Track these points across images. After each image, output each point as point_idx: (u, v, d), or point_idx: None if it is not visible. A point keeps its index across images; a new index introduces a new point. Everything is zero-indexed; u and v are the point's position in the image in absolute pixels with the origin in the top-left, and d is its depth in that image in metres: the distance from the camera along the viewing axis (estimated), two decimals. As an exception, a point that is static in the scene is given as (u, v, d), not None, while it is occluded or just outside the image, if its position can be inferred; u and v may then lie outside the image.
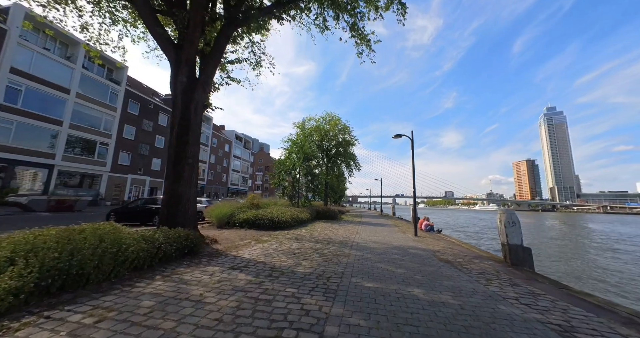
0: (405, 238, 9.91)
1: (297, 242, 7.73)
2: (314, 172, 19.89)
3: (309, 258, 5.62)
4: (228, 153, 49.79)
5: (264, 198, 16.52)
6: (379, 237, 9.71)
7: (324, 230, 11.10)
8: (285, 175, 18.92)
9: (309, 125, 28.54)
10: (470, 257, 6.61)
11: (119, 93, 25.35)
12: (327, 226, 13.17)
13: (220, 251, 5.93)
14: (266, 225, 10.50)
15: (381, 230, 12.64)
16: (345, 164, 30.06)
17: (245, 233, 9.17)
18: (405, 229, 13.64)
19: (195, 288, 3.48)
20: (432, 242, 9.22)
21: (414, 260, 5.95)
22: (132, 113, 27.10)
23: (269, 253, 5.95)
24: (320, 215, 18.23)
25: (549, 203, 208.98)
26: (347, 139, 28.82)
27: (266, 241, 7.61)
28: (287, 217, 11.52)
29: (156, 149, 30.73)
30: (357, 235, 9.94)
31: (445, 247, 8.11)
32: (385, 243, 8.38)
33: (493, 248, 15.13)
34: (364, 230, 11.90)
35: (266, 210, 11.66)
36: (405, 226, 15.96)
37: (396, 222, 19.14)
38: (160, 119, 31.43)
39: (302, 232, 10.23)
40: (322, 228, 12.10)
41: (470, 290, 3.91)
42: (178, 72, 6.75)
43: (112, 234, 4.07)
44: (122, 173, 26.07)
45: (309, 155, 19.58)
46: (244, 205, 12.54)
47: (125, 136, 26.46)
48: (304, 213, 14.89)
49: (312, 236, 9.13)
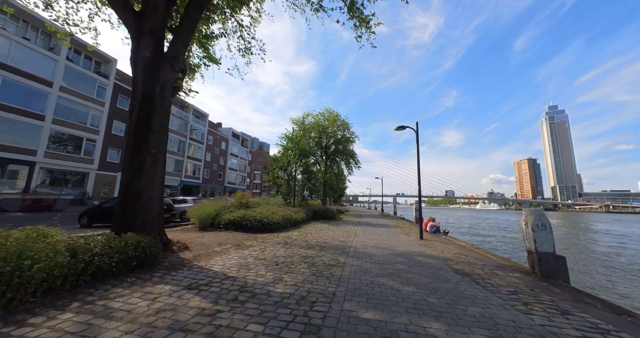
0: (410, 241, 8.83)
1: (285, 247, 6.65)
2: (311, 169, 18.81)
3: (294, 270, 4.54)
4: (225, 151, 48.70)
5: (256, 197, 15.46)
6: (380, 241, 8.63)
7: (319, 233, 10.03)
8: (280, 173, 17.86)
9: (307, 122, 27.47)
10: (490, 267, 5.52)
11: (107, 87, 24.23)
12: (324, 227, 12.10)
13: (186, 261, 4.85)
14: (254, 227, 9.42)
15: (382, 232, 11.57)
16: (344, 162, 28.98)
17: (227, 236, 8.09)
18: (408, 231, 12.57)
19: (116, 324, 2.40)
20: (441, 246, 8.14)
21: (423, 271, 4.87)
22: (122, 108, 25.99)
23: (247, 263, 4.86)
24: (317, 215, 17.16)
25: (551, 202, 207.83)
26: (346, 135, 27.73)
27: (249, 246, 6.53)
28: (278, 218, 10.44)
29: (148, 146, 29.62)
30: (355, 239, 8.86)
31: (457, 253, 7.03)
32: (387, 248, 7.30)
33: (511, 253, 14.12)
34: (363, 232, 10.83)
35: (255, 211, 10.58)
36: (408, 227, 14.89)
37: (398, 223, 18.08)
38: (153, 115, 30.31)
39: (294, 234, 9.16)
40: (318, 230, 11.03)
41: (509, 323, 2.82)
42: (140, 45, 5.65)
43: (22, 244, 3.00)
44: (112, 172, 25.01)
45: (305, 152, 18.50)
46: (231, 204, 11.46)
47: (115, 132, 25.36)
48: (298, 213, 13.82)
49: (304, 239, 8.05)
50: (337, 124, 27.19)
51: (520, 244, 16.52)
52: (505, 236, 22.56)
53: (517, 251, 14.88)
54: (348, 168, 28.85)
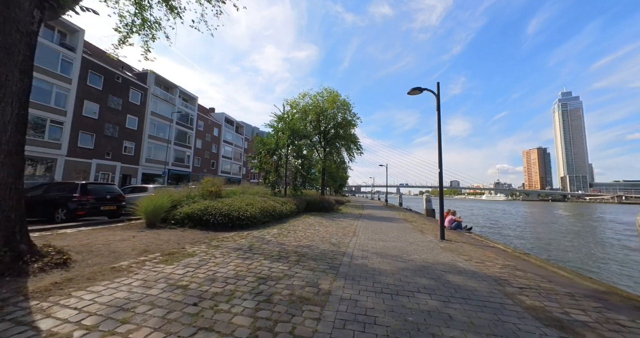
0: (428, 243, 6.56)
1: (242, 257, 4.41)
2: (304, 153, 16.39)
3: (219, 324, 2.27)
4: (217, 138, 46.24)
5: (235, 186, 13.15)
6: (387, 243, 6.37)
7: (306, 230, 7.79)
8: (268, 157, 15.52)
9: (304, 103, 24.87)
10: (586, 300, 3.23)
11: (73, 61, 21.60)
12: (315, 222, 9.87)
13: (22, 296, 2.60)
14: (218, 222, 7.20)
15: (389, 227, 9.32)
16: (345, 147, 26.54)
17: (172, 237, 5.86)
18: (420, 226, 10.31)
19: None
20: (474, 251, 5.87)
21: (472, 312, 2.60)
22: (93, 87, 23.47)
23: (138, 301, 2.60)
24: (311, 207, 14.98)
25: (560, 193, 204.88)
26: (347, 118, 25.12)
27: (185, 257, 4.29)
28: (254, 211, 8.21)
29: (127, 131, 27.29)
30: (353, 239, 6.62)
31: (506, 265, 4.75)
32: (398, 256, 5.04)
33: (576, 261, 10.12)
34: (364, 229, 8.59)
35: (225, 201, 8.33)
36: (419, 220, 12.62)
37: (406, 215, 15.86)
38: (132, 96, 27.76)
39: (272, 233, 6.93)
40: (307, 225, 8.80)
41: None
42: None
43: None
44: (84, 158, 22.83)
45: (298, 133, 16.07)
46: (197, 193, 9.21)
47: (87, 114, 22.98)
48: (287, 204, 11.62)
49: (280, 242, 5.81)
50: (337, 105, 24.54)
51: (574, 246, 14.19)
52: (538, 232, 20.04)
53: (581, 258, 10.90)
54: (349, 154, 26.46)
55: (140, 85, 28.75)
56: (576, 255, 11.56)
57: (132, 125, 27.87)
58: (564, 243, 14.71)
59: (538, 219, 31.72)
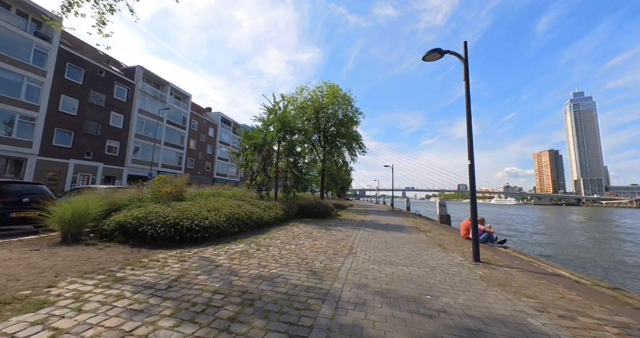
0: (458, 268, 4.50)
1: (136, 307, 2.43)
2: (297, 150, 14.36)
3: None
4: (213, 138, 44.66)
5: (208, 187, 11.19)
6: (397, 268, 4.33)
7: (285, 245, 5.79)
8: (255, 155, 13.63)
9: (302, 99, 23.08)
10: None
11: (48, 52, 20.16)
12: (303, 232, 7.85)
13: None
14: (160, 235, 5.25)
15: (398, 240, 7.25)
16: (346, 146, 24.57)
17: (68, 260, 3.90)
18: (438, 237, 8.21)
19: None
20: (537, 287, 3.80)
21: None
22: (72, 81, 21.97)
23: None
24: (305, 212, 12.98)
25: (574, 196, 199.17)
26: (349, 114, 23.20)
27: (35, 306, 2.33)
28: (219, 218, 6.28)
29: (112, 129, 25.72)
30: (347, 261, 4.59)
31: (624, 326, 2.69)
32: (419, 300, 3.01)
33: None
34: (365, 243, 6.55)
35: (179, 206, 6.39)
36: (434, 230, 10.49)
37: (416, 222, 13.73)
38: (117, 92, 26.26)
39: (232, 251, 4.95)
40: (290, 237, 6.79)
41: None
42: None
43: None
44: (60, 158, 21.23)
45: (290, 126, 14.16)
46: (149, 196, 7.27)
47: (64, 110, 21.44)
48: (272, 209, 9.67)
49: (232, 269, 3.82)
50: (338, 100, 22.65)
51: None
52: (576, 243, 17.43)
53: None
54: (351, 153, 24.46)
55: (126, 81, 27.28)
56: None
57: (117, 123, 26.32)
58: (624, 259, 12.21)
59: (562, 226, 29.18)
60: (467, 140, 5.46)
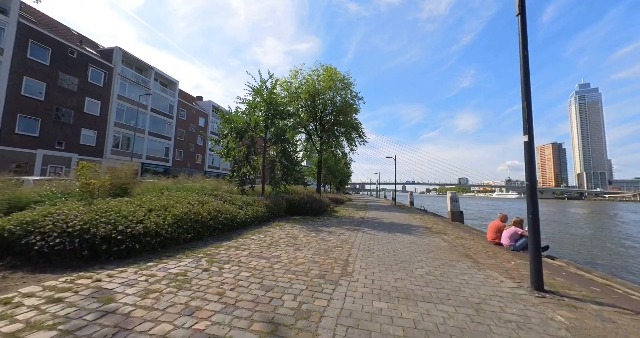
0: (523, 307, 2.72)
1: None
2: (286, 137, 12.35)
3: None
4: (204, 128, 42.60)
5: (165, 180, 9.19)
6: (421, 311, 2.54)
7: (253, 261, 4.00)
8: (238, 143, 11.79)
9: (297, 84, 21.07)
10: None
11: (6, 27, 17.95)
12: (285, 237, 6.09)
13: None
14: (63, 250, 3.48)
15: (409, 248, 5.49)
16: (345, 136, 22.72)
17: None
18: (460, 242, 6.47)
19: None
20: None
21: None
22: (36, 61, 19.80)
23: None
24: (295, 208, 11.27)
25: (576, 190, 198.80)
26: (348, 101, 21.24)
27: None
28: (167, 220, 4.53)
29: (87, 117, 23.67)
30: (336, 297, 2.79)
31: None
32: None
33: None
34: (366, 252, 4.79)
35: (105, 205, 4.61)
36: (451, 231, 8.72)
37: (424, 219, 12.03)
38: (93, 75, 24.06)
39: (161, 273, 3.15)
40: (266, 244, 5.01)
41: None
42: None
43: None
44: (26, 148, 19.29)
45: (278, 109, 12.26)
46: (76, 190, 5.49)
47: (28, 94, 19.36)
48: (252, 206, 7.95)
49: (128, 322, 2.04)
50: (335, 84, 20.63)
51: None
52: (609, 242, 15.74)
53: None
54: (350, 143, 22.62)
55: (103, 64, 25.04)
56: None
57: (93, 111, 24.23)
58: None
59: (575, 221, 27.63)
60: (523, 108, 3.64)
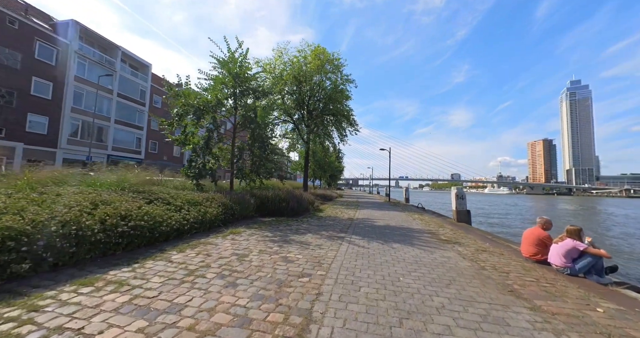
0: None
1: None
2: (251, 115, 9.87)
3: None
4: (183, 119, 39.61)
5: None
6: None
7: (110, 327, 1.84)
8: (195, 126, 9.50)
9: (281, 66, 18.67)
10: None
11: None
12: (228, 258, 3.87)
13: None
14: None
15: (416, 277, 3.31)
16: (335, 126, 20.60)
17: None
18: (483, 258, 4.42)
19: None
20: None
21: None
22: None
23: None
24: (269, 207, 9.13)
25: (565, 186, 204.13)
26: (339, 86, 19.03)
27: None
28: None
29: (34, 100, 20.64)
30: None
31: None
32: None
33: None
34: (349, 289, 2.58)
35: None
36: (466, 240, 6.67)
37: (425, 220, 10.08)
38: (41, 51, 20.95)
39: None
40: (172, 281, 2.75)
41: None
42: None
43: None
44: None
45: (248, 84, 10.00)
46: None
47: None
48: (196, 207, 5.74)
49: None
50: (324, 65, 18.35)
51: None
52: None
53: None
54: (340, 133, 20.52)
55: (54, 38, 21.88)
56: None
57: (43, 93, 21.17)
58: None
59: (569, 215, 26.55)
60: None
